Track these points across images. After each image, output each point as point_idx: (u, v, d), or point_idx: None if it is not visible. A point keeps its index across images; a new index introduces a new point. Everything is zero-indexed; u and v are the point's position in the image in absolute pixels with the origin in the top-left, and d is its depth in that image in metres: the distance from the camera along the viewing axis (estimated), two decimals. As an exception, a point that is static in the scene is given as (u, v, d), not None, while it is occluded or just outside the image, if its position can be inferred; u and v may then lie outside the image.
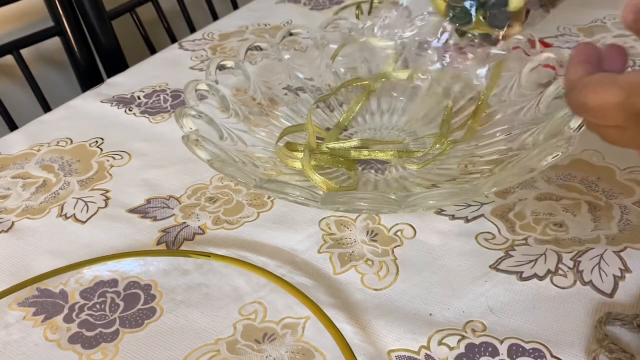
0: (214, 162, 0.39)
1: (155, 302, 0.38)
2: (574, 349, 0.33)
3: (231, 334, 0.36)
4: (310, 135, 0.48)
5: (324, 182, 0.42)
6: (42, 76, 0.87)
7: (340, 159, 0.47)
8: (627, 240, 0.39)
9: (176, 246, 0.43)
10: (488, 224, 0.42)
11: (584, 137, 0.37)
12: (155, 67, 0.71)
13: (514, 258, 0.39)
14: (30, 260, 0.43)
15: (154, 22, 0.95)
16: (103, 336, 0.36)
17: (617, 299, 0.35)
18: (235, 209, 0.46)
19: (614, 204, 0.42)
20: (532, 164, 0.36)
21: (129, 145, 0.55)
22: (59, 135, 0.58)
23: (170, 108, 0.61)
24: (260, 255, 0.41)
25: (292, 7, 0.86)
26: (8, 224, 0.46)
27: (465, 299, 0.36)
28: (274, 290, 0.38)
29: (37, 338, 0.36)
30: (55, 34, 0.82)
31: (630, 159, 0.46)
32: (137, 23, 0.91)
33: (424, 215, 0.43)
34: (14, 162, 0.54)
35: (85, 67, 0.86)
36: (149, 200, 0.48)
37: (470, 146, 0.48)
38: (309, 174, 0.43)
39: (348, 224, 0.43)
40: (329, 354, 0.34)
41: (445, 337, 0.34)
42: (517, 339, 0.34)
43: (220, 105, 0.49)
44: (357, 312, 0.36)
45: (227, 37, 0.78)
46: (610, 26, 0.70)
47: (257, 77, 0.54)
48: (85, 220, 0.46)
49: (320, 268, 0.40)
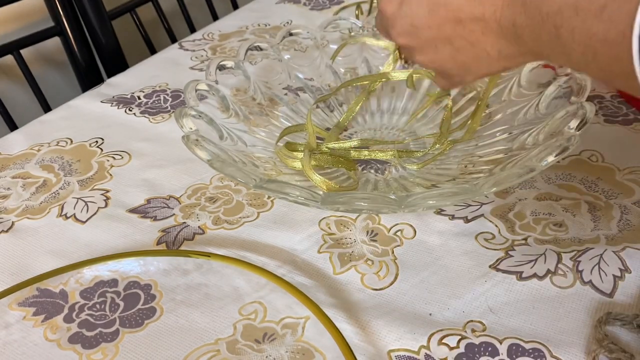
0: (214, 162, 0.39)
1: (155, 302, 0.38)
2: (573, 349, 0.33)
3: (231, 334, 0.36)
4: (310, 135, 0.48)
5: (324, 182, 0.42)
6: (42, 76, 0.87)
7: (341, 159, 0.47)
8: (627, 240, 0.39)
9: (176, 246, 0.43)
10: (488, 224, 0.42)
11: (584, 137, 0.37)
12: (155, 67, 0.71)
13: (514, 258, 0.39)
14: (30, 260, 0.43)
15: (154, 22, 0.95)
16: (103, 336, 0.36)
17: (616, 299, 0.35)
18: (235, 209, 0.46)
19: (613, 204, 0.42)
20: (532, 164, 0.36)
21: (129, 145, 0.55)
22: (59, 135, 0.58)
23: (170, 108, 0.61)
24: (260, 255, 0.41)
25: (292, 7, 0.86)
26: (8, 224, 0.46)
27: (465, 299, 0.36)
28: (274, 290, 0.38)
29: (37, 338, 0.36)
30: (55, 34, 0.82)
31: (630, 159, 0.46)
32: (137, 23, 0.91)
33: (424, 215, 0.43)
34: (14, 162, 0.54)
35: (85, 67, 0.86)
36: (149, 200, 0.48)
37: (470, 146, 0.48)
38: (309, 174, 0.43)
39: (348, 224, 0.43)
40: (329, 354, 0.34)
41: (445, 337, 0.34)
42: (517, 339, 0.34)
43: (220, 105, 0.49)
44: (357, 312, 0.36)
45: (227, 37, 0.78)
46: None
47: (257, 77, 0.54)
48: (86, 220, 0.46)
49: (320, 268, 0.40)
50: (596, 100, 0.55)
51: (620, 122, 0.51)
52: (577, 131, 0.38)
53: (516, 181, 0.36)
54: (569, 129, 0.38)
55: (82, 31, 0.85)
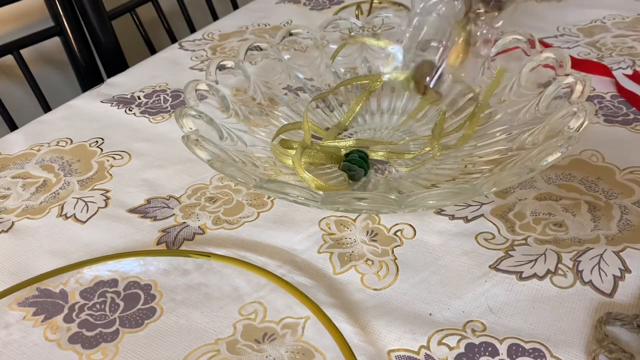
0: (214, 162, 0.39)
1: (155, 302, 0.38)
2: (573, 349, 0.33)
3: (231, 334, 0.36)
4: (306, 132, 0.48)
5: (313, 180, 0.42)
6: (42, 76, 0.87)
7: (333, 155, 0.47)
8: (627, 240, 0.39)
9: (176, 246, 0.43)
10: (488, 224, 0.42)
11: (584, 137, 0.37)
12: (155, 67, 0.71)
13: (514, 258, 0.39)
14: (30, 260, 0.43)
15: (154, 22, 0.95)
16: (103, 336, 0.36)
17: (617, 299, 0.35)
18: (235, 209, 0.46)
19: (613, 204, 0.42)
20: (532, 164, 0.36)
21: (129, 145, 0.55)
22: (59, 135, 0.58)
23: (170, 108, 0.61)
24: (260, 255, 0.41)
25: (292, 7, 0.86)
26: (8, 224, 0.46)
27: (465, 299, 0.37)
28: (273, 290, 0.38)
29: (37, 338, 0.36)
30: (55, 34, 0.82)
31: (630, 159, 0.46)
32: (137, 23, 0.91)
33: (424, 215, 0.43)
34: (14, 162, 0.54)
35: (85, 67, 0.86)
36: (149, 200, 0.48)
37: (470, 146, 0.48)
38: (298, 171, 0.43)
39: (348, 224, 0.43)
40: (329, 354, 0.34)
41: (445, 337, 0.34)
42: (517, 339, 0.34)
43: (220, 105, 0.49)
44: (357, 312, 0.36)
45: (227, 37, 0.78)
46: (610, 26, 0.70)
47: (257, 77, 0.54)
48: (85, 220, 0.46)
49: (320, 268, 0.40)
50: (596, 100, 0.55)
51: (620, 122, 0.51)
52: (577, 131, 0.38)
53: (516, 181, 0.36)
54: (569, 129, 0.38)
55: (82, 31, 0.85)
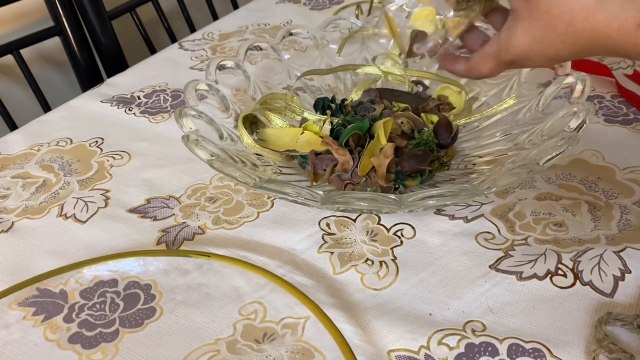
0: (214, 162, 0.39)
1: (155, 302, 0.38)
2: (573, 349, 0.33)
3: (231, 334, 0.36)
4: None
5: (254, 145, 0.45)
6: (42, 76, 0.87)
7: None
8: (627, 240, 0.39)
9: (176, 246, 0.43)
10: (488, 224, 0.42)
11: (584, 137, 0.37)
12: (155, 67, 0.71)
13: (514, 258, 0.39)
14: (30, 260, 0.43)
15: (154, 22, 0.95)
16: (103, 336, 0.36)
17: (617, 299, 0.35)
18: (235, 209, 0.46)
19: (613, 204, 0.42)
20: (532, 164, 0.36)
21: (129, 145, 0.55)
22: (59, 135, 0.58)
23: (170, 108, 0.61)
24: (260, 255, 0.41)
25: (292, 7, 0.86)
26: (8, 224, 0.46)
27: (465, 299, 0.36)
28: (274, 290, 0.38)
29: (37, 338, 0.36)
30: (55, 34, 0.82)
31: (630, 159, 0.46)
32: (137, 23, 0.91)
33: (424, 215, 0.43)
34: (14, 162, 0.54)
35: (85, 67, 0.86)
36: (149, 200, 0.48)
37: (470, 146, 0.48)
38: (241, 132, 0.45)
39: (348, 224, 0.43)
40: (329, 354, 0.34)
41: (445, 337, 0.34)
42: (517, 339, 0.34)
43: (220, 105, 0.49)
44: (357, 312, 0.36)
45: (227, 37, 0.78)
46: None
47: (257, 77, 0.54)
48: (85, 220, 0.46)
49: (320, 268, 0.40)
50: (596, 100, 0.55)
51: (620, 122, 0.51)
52: (577, 131, 0.38)
53: (516, 181, 0.36)
54: (569, 129, 0.38)
55: (82, 31, 0.85)
